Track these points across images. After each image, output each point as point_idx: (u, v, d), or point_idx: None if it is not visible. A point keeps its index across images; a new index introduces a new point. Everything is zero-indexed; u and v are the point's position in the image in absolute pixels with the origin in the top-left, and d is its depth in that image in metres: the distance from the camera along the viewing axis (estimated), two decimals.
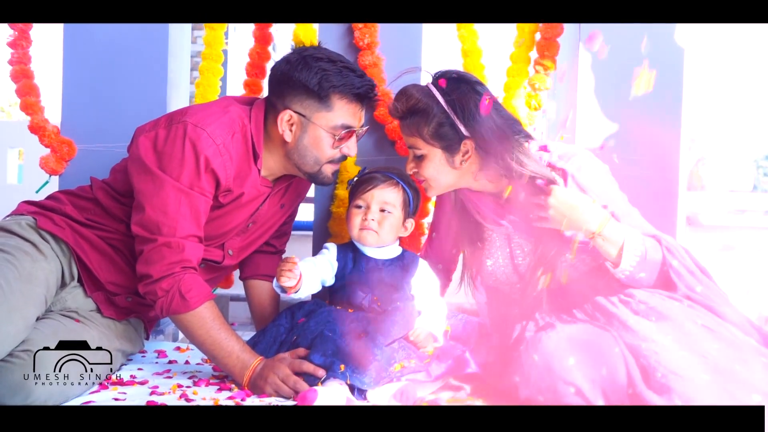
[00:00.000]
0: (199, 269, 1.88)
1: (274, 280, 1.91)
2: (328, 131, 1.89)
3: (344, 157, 1.97)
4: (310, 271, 1.95)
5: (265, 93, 2.05)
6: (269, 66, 2.25)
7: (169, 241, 1.79)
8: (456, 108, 1.85)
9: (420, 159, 1.92)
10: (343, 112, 1.89)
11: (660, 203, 2.33)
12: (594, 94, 2.41)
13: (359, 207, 2.00)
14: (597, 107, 2.41)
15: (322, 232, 2.42)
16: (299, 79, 1.85)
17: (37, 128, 2.40)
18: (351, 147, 1.95)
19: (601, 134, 2.41)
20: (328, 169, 1.96)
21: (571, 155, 1.89)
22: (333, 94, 1.87)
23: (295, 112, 1.88)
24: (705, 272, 1.85)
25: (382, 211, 1.98)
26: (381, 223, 1.98)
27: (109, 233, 1.93)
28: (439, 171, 1.91)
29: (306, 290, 1.94)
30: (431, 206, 2.32)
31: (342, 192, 2.32)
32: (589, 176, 1.86)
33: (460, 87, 1.87)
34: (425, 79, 1.95)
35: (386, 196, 1.98)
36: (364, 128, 1.98)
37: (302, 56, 1.89)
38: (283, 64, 1.91)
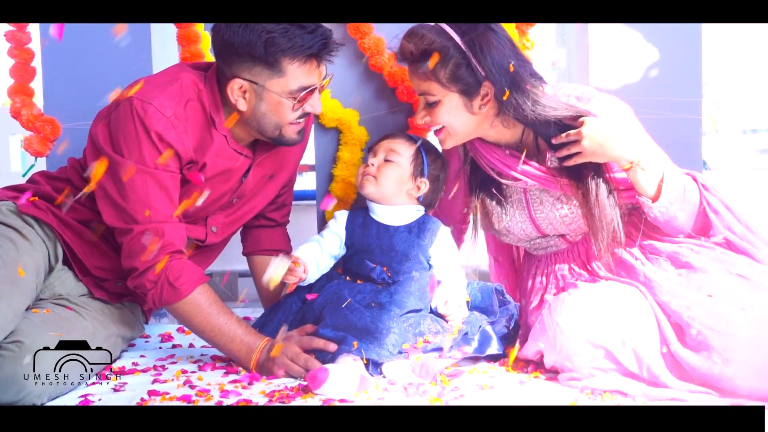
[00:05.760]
0: (185, 250, 1.77)
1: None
2: (286, 96, 1.74)
3: (306, 114, 1.81)
4: (315, 255, 1.87)
5: None
6: None
7: (146, 228, 1.68)
8: (475, 48, 1.70)
9: (433, 106, 1.77)
10: (297, 74, 1.71)
11: (683, 148, 2.24)
12: (611, 37, 2.30)
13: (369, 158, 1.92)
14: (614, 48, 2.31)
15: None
16: (242, 45, 1.68)
17: (17, 111, 2.29)
18: (315, 105, 1.79)
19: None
20: (290, 131, 1.80)
21: (589, 96, 1.75)
22: (282, 59, 1.69)
23: (245, 80, 1.72)
24: (742, 214, 1.75)
25: (387, 160, 1.88)
26: (381, 170, 1.87)
27: (87, 216, 1.82)
28: (456, 117, 1.76)
29: (315, 275, 1.87)
30: None
31: (345, 154, 2.21)
32: (614, 117, 1.72)
33: (476, 25, 1.72)
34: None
35: (394, 145, 1.89)
36: (327, 78, 1.81)
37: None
38: (224, 28, 1.71)
